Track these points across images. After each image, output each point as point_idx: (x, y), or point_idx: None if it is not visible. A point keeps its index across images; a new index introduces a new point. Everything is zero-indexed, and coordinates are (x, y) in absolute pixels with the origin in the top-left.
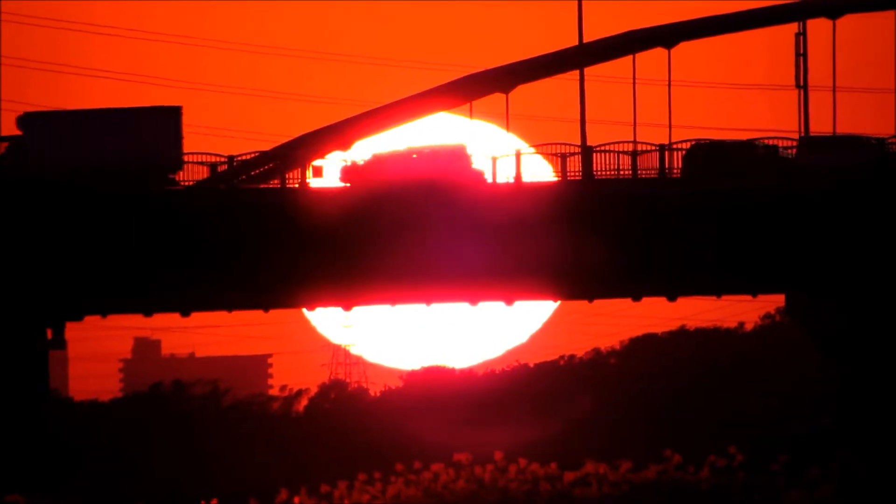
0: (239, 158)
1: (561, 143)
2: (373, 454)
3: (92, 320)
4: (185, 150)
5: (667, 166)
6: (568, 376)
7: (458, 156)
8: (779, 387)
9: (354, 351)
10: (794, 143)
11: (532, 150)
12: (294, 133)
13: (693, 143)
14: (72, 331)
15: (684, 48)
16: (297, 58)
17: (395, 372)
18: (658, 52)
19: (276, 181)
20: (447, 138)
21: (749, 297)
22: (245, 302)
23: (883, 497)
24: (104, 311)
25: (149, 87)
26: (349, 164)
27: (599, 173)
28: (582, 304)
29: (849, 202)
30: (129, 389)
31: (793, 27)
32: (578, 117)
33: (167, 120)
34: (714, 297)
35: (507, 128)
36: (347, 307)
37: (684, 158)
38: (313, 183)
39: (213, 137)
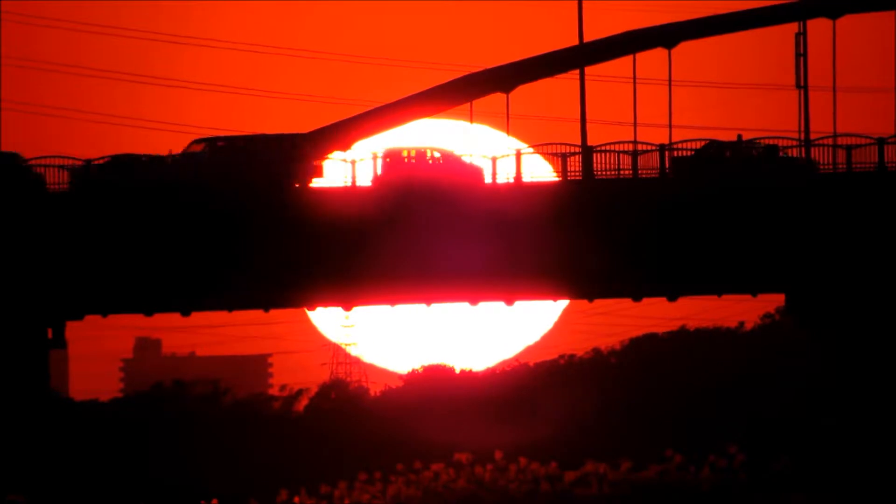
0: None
1: (561, 143)
2: (373, 454)
3: (92, 319)
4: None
5: (667, 166)
6: (568, 376)
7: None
8: (779, 386)
9: (354, 351)
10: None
11: (532, 150)
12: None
13: (113, 156)
14: (72, 330)
15: (684, 48)
16: (297, 58)
17: (395, 373)
18: (658, 52)
19: None
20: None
21: (749, 297)
22: (245, 302)
23: (883, 497)
24: (105, 311)
25: (149, 87)
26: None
27: (600, 173)
28: (582, 304)
29: (851, 203)
30: (130, 389)
31: (793, 27)
32: (578, 117)
33: None
34: (714, 297)
35: (508, 128)
36: (348, 307)
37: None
38: (313, 183)
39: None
